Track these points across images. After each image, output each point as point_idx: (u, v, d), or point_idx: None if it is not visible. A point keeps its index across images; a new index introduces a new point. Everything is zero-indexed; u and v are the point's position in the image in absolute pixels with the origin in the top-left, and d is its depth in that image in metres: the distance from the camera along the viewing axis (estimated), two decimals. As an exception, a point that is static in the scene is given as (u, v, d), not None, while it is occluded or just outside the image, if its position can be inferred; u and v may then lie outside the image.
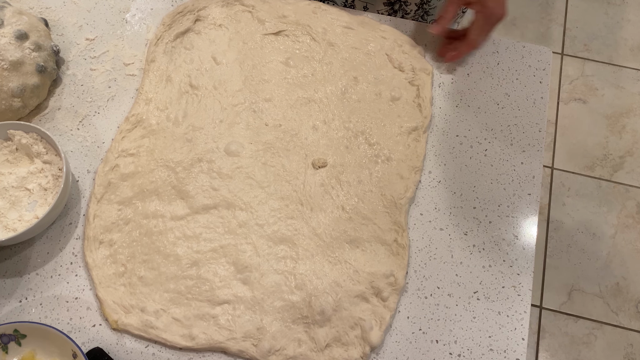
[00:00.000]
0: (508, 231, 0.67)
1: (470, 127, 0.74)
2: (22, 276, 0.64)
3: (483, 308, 0.63)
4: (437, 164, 0.71)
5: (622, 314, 1.52)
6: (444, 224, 0.67)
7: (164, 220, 0.66)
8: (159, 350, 0.61)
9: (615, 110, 1.82)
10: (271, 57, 0.77)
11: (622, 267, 1.58)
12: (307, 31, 0.78)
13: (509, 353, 0.61)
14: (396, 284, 0.62)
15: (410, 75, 0.75)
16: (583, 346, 1.48)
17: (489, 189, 0.70)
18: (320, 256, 0.64)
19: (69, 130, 0.73)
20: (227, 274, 0.63)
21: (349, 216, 0.66)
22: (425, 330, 0.62)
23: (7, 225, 0.65)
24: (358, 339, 0.60)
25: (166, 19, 0.80)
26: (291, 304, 0.61)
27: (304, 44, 0.78)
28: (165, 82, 0.75)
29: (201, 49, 0.78)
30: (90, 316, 0.62)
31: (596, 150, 1.76)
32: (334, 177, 0.68)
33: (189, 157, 0.70)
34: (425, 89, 0.74)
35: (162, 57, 0.77)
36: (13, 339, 0.58)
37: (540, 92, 0.76)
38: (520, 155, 0.72)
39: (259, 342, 0.60)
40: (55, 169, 0.67)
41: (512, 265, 0.65)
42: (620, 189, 1.70)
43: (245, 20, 0.80)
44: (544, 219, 1.64)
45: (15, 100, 0.70)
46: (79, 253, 0.65)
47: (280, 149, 0.70)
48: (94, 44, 0.80)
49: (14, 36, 0.70)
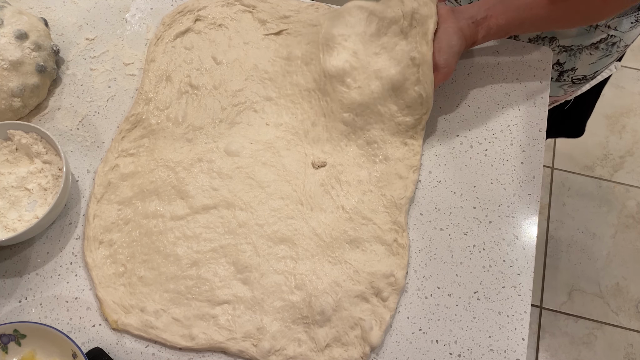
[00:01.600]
0: (508, 231, 0.67)
1: (470, 127, 0.74)
2: (22, 276, 0.64)
3: (483, 308, 0.63)
4: (437, 163, 0.71)
5: (622, 314, 1.52)
6: (444, 224, 0.67)
7: (164, 220, 0.66)
8: (159, 350, 0.61)
9: (615, 110, 1.82)
10: (273, 56, 0.76)
11: (622, 267, 1.58)
12: (310, 24, 0.78)
13: (509, 353, 0.61)
14: (396, 284, 0.62)
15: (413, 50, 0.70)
16: (583, 346, 1.48)
17: (489, 189, 0.69)
18: (320, 256, 0.64)
19: (69, 130, 0.73)
20: (227, 274, 0.63)
21: (349, 216, 0.66)
22: (425, 330, 0.62)
23: (7, 225, 0.65)
24: (358, 339, 0.60)
25: (166, 18, 0.80)
26: (291, 304, 0.61)
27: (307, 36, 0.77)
28: (165, 82, 0.75)
29: (201, 49, 0.78)
30: (90, 316, 0.62)
31: (596, 150, 1.76)
32: (334, 177, 0.68)
33: (189, 157, 0.69)
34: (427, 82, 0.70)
35: (162, 57, 0.77)
36: (13, 339, 0.58)
37: (540, 92, 0.76)
38: (520, 155, 0.71)
39: (259, 342, 0.60)
40: (55, 169, 0.67)
41: (512, 266, 0.65)
42: (620, 189, 1.70)
43: (246, 20, 0.80)
44: (544, 219, 1.64)
45: (15, 100, 0.70)
46: (79, 253, 0.65)
47: (280, 148, 0.70)
48: (93, 44, 0.80)
49: (14, 36, 0.70)
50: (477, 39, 0.68)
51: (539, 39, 0.80)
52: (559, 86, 0.89)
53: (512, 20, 0.67)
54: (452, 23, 0.67)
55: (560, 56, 0.82)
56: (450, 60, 0.67)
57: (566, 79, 0.87)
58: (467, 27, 0.67)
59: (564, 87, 0.89)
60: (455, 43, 0.67)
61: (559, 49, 0.81)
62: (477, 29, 0.68)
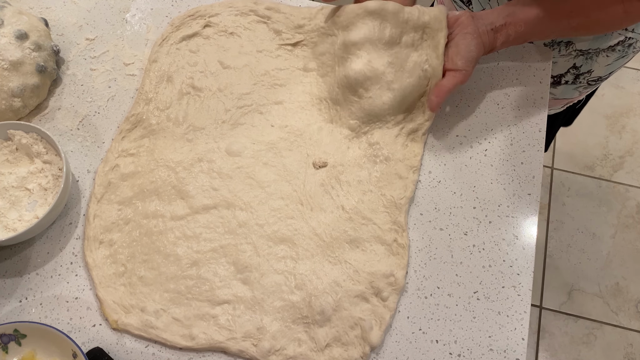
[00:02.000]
0: (508, 231, 0.67)
1: (470, 127, 0.74)
2: (22, 276, 0.64)
3: (483, 308, 0.63)
4: (437, 164, 0.71)
5: (622, 314, 1.52)
6: (444, 224, 0.67)
7: (164, 220, 0.66)
8: (159, 350, 0.61)
9: (615, 110, 1.82)
10: (288, 65, 0.77)
11: (622, 267, 1.58)
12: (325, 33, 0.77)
13: (509, 353, 0.61)
14: (396, 284, 0.62)
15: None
16: (583, 346, 1.48)
17: (489, 189, 0.70)
18: (320, 256, 0.64)
19: (69, 130, 0.73)
20: (227, 274, 0.63)
21: (349, 216, 0.66)
22: (425, 330, 0.62)
23: (7, 225, 0.65)
24: (358, 339, 0.60)
25: (175, 20, 0.80)
26: (291, 304, 0.61)
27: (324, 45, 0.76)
28: (165, 83, 0.75)
29: (208, 53, 0.77)
30: (90, 316, 0.62)
31: (596, 150, 1.76)
32: (334, 177, 0.68)
33: (189, 157, 0.70)
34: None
35: (164, 58, 0.77)
36: (13, 338, 0.58)
37: (540, 92, 0.76)
38: (520, 155, 0.72)
39: (259, 342, 0.60)
40: (55, 169, 0.67)
41: (512, 265, 0.65)
42: (620, 189, 1.70)
43: (260, 30, 0.80)
44: (544, 219, 1.64)
45: (15, 100, 0.70)
46: (79, 253, 0.65)
47: (282, 149, 0.70)
48: (94, 44, 0.80)
49: (14, 36, 0.70)
50: (495, 45, 0.69)
51: (555, 43, 0.80)
52: (574, 88, 0.88)
53: (531, 28, 0.67)
54: (471, 29, 0.67)
55: (577, 60, 0.81)
56: (468, 65, 0.67)
57: (582, 81, 0.86)
58: (486, 33, 0.68)
59: (579, 89, 0.89)
60: (473, 48, 0.67)
61: (575, 53, 0.80)
62: (495, 36, 0.68)
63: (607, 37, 0.77)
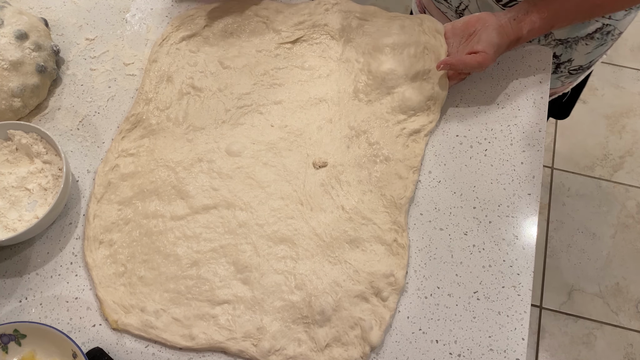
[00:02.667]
0: (508, 231, 0.67)
1: (470, 127, 0.74)
2: (22, 276, 0.64)
3: (483, 308, 0.63)
4: (437, 163, 0.71)
5: (622, 314, 1.52)
6: (444, 224, 0.67)
7: (164, 220, 0.66)
8: (159, 350, 0.61)
9: (615, 110, 1.82)
10: (287, 63, 0.77)
11: (622, 267, 1.58)
12: (326, 30, 0.78)
13: (509, 353, 0.61)
14: (396, 284, 0.62)
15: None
16: (583, 346, 1.48)
17: (489, 189, 0.70)
18: (320, 256, 0.64)
19: (69, 130, 0.73)
20: (227, 274, 0.63)
21: (349, 216, 0.66)
22: (425, 330, 0.62)
23: (7, 225, 0.65)
24: (358, 339, 0.60)
25: (175, 21, 0.80)
26: (291, 304, 0.61)
27: (322, 44, 0.78)
28: (165, 83, 0.75)
29: (207, 53, 0.78)
30: (90, 316, 0.62)
31: (596, 150, 1.76)
32: (334, 177, 0.68)
33: (189, 157, 0.70)
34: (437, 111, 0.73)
35: (164, 58, 0.77)
36: (13, 339, 0.58)
37: (540, 92, 0.76)
38: (520, 155, 0.72)
39: (259, 342, 0.60)
40: (55, 169, 0.67)
41: (512, 265, 0.65)
42: (620, 189, 1.70)
43: (260, 30, 0.80)
44: (544, 219, 1.64)
45: (15, 100, 0.70)
46: (79, 253, 0.65)
47: (282, 149, 0.70)
48: (94, 44, 0.80)
49: (14, 36, 0.70)
50: (521, 34, 0.70)
51: None
52: (556, 78, 0.89)
53: (555, 11, 0.69)
54: (493, 21, 0.70)
55: (557, 49, 0.83)
56: (488, 47, 0.69)
57: (563, 70, 0.87)
58: (508, 23, 0.70)
59: (561, 79, 0.90)
60: (494, 36, 0.69)
61: (555, 42, 0.81)
62: (519, 25, 0.70)
63: (585, 25, 0.78)
